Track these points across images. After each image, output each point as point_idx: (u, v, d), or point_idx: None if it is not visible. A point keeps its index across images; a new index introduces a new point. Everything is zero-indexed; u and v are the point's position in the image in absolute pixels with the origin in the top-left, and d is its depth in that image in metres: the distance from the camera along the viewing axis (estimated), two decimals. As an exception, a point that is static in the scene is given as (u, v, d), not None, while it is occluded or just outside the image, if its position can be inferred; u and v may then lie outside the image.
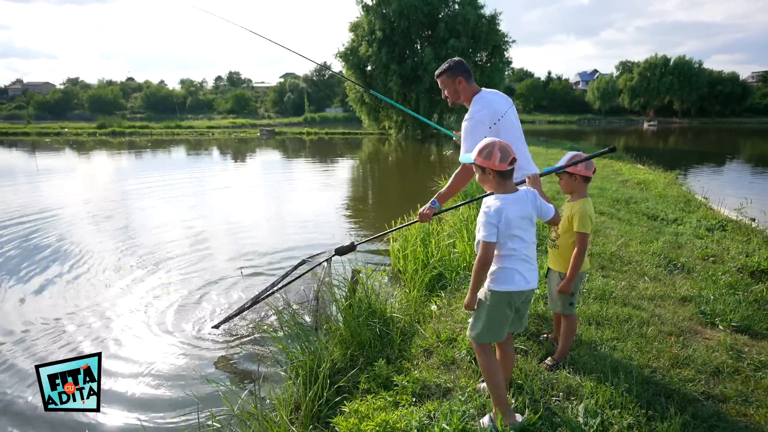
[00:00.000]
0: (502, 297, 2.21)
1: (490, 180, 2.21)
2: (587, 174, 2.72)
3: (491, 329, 2.24)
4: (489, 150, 2.15)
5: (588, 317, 3.35)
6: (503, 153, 2.14)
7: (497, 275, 2.21)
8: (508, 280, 2.20)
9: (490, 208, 2.15)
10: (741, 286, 4.02)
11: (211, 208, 10.63)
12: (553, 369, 2.73)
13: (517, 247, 2.18)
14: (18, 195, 11.85)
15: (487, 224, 2.13)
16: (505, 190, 2.20)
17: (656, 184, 10.59)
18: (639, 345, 2.97)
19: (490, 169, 2.16)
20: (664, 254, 4.92)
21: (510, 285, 2.20)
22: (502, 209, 2.13)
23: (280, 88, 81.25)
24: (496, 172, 2.16)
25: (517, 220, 2.16)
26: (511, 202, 2.16)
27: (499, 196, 2.18)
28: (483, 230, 2.15)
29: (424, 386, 2.69)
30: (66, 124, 51.16)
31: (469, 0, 31.36)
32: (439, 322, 3.51)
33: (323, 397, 2.75)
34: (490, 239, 2.12)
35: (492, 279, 2.22)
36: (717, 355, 2.86)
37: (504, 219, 2.13)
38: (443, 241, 5.12)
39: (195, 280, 5.67)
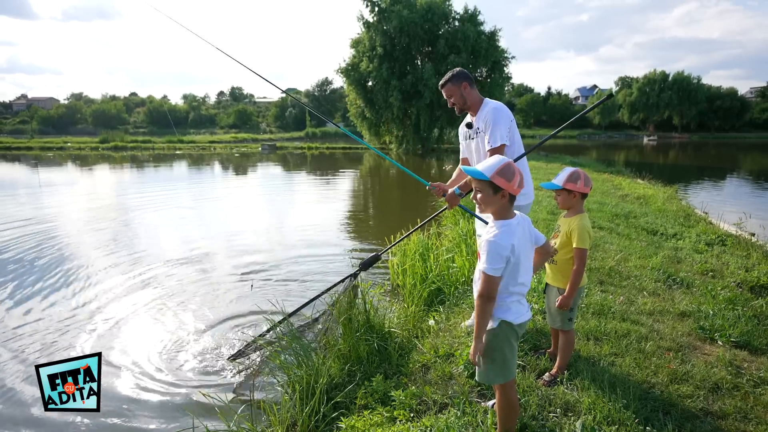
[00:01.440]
0: (511, 329, 2.05)
1: (499, 202, 1.99)
2: (585, 191, 2.73)
3: (505, 367, 2.07)
4: (512, 171, 1.95)
5: (586, 332, 3.34)
6: (521, 177, 1.98)
7: (504, 306, 2.03)
8: (514, 312, 2.04)
9: (499, 237, 1.94)
10: (740, 301, 4.01)
11: (213, 218, 10.67)
12: (551, 385, 2.72)
13: (523, 280, 2.04)
14: (19, 207, 11.92)
15: (497, 256, 1.92)
16: (509, 215, 2.03)
17: (656, 198, 10.60)
18: (637, 360, 2.96)
19: (507, 192, 1.98)
20: (663, 269, 4.91)
21: (516, 317, 2.05)
22: (513, 238, 1.96)
23: (281, 104, 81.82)
24: (511, 196, 1.99)
25: (522, 248, 2.01)
26: (516, 228, 2.00)
27: (505, 222, 2.00)
28: (489, 262, 1.92)
29: (421, 401, 2.68)
30: (69, 139, 51.54)
31: (469, 17, 31.77)
32: (437, 337, 3.49)
33: (320, 412, 2.73)
34: (497, 273, 1.93)
35: (500, 309, 2.03)
36: (716, 371, 2.85)
37: (514, 250, 1.95)
38: (442, 256, 5.13)
39: (197, 290, 5.69)
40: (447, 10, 31.87)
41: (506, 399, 2.13)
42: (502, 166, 1.96)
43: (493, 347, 2.06)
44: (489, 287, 1.94)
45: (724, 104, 72.47)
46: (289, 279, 6.11)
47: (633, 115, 74.64)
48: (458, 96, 3.26)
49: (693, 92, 71.09)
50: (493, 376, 2.10)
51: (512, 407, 2.15)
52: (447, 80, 3.27)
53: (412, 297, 4.42)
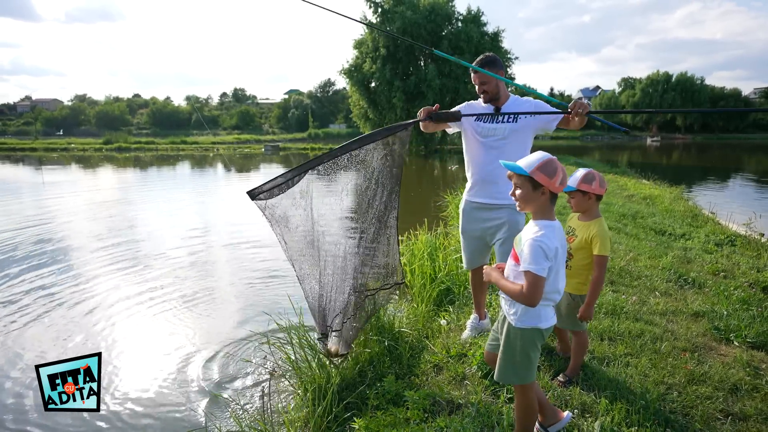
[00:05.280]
0: (539, 333, 2.00)
1: (538, 200, 1.90)
2: (601, 192, 2.66)
3: (526, 369, 2.02)
4: (553, 167, 1.87)
5: (600, 332, 3.30)
6: (564, 175, 1.89)
7: (535, 313, 1.96)
8: (544, 317, 1.98)
9: (545, 237, 1.85)
10: (754, 302, 3.96)
11: (213, 217, 10.68)
12: (567, 386, 2.67)
13: (559, 287, 1.96)
14: (21, 207, 11.95)
15: (542, 255, 1.82)
16: (551, 216, 1.93)
17: (662, 199, 10.55)
18: (653, 361, 2.92)
19: (547, 189, 1.89)
20: (674, 269, 4.87)
21: (546, 322, 1.99)
22: (556, 241, 1.88)
23: (284, 105, 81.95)
24: (552, 194, 1.91)
25: (561, 254, 1.92)
26: (559, 231, 1.93)
27: (548, 224, 1.90)
28: (535, 261, 1.81)
29: (434, 402, 2.64)
30: (73, 140, 51.69)
31: (472, 18, 31.78)
32: (448, 337, 3.46)
33: (332, 413, 2.70)
34: (544, 273, 1.82)
35: (527, 317, 1.97)
36: (734, 372, 2.80)
37: (557, 254, 1.87)
38: (450, 256, 5.09)
39: (198, 289, 5.67)
40: (450, 10, 31.89)
41: (525, 400, 2.09)
42: (544, 161, 1.88)
43: (518, 349, 2.01)
44: (535, 289, 1.82)
45: (728, 105, 72.19)
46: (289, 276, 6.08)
47: (636, 116, 74.40)
48: (494, 85, 2.97)
49: (696, 93, 70.82)
50: (513, 376, 2.05)
51: (531, 409, 2.11)
52: (485, 63, 2.94)
53: (422, 297, 4.38)
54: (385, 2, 31.26)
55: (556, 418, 2.22)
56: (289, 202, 2.77)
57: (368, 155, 2.87)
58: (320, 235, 2.91)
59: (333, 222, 2.91)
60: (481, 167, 3.09)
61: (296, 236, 2.85)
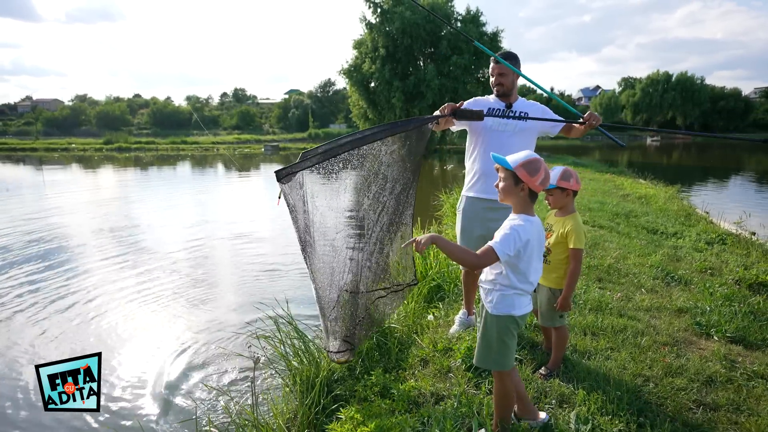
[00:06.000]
0: (512, 320, 2.11)
1: (518, 195, 2.06)
2: (577, 188, 2.77)
3: (504, 355, 2.13)
4: (536, 167, 2.01)
5: (583, 327, 3.38)
6: (546, 176, 2.04)
7: (508, 301, 2.09)
8: (518, 305, 2.10)
9: (522, 228, 2.00)
10: (737, 298, 4.04)
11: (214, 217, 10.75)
12: (547, 378, 2.76)
13: (531, 279, 2.09)
14: (23, 207, 12.04)
15: (512, 242, 1.97)
16: (530, 212, 2.08)
17: (657, 198, 10.62)
18: (633, 354, 3.00)
19: (527, 186, 2.04)
20: (662, 267, 4.95)
21: (520, 310, 2.10)
22: (531, 235, 2.02)
23: (284, 105, 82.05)
24: (530, 191, 2.05)
25: (535, 249, 2.06)
26: (535, 227, 2.06)
27: (527, 218, 2.05)
28: (503, 242, 1.98)
29: (419, 394, 2.73)
30: (73, 140, 51.84)
31: (471, 18, 31.83)
32: (436, 333, 3.54)
33: (320, 404, 2.79)
34: (502, 257, 1.97)
35: (502, 305, 2.10)
36: (710, 365, 2.88)
37: (527, 246, 2.01)
38: (441, 254, 5.17)
39: (197, 289, 5.77)
40: (449, 11, 31.94)
41: (503, 387, 2.18)
42: (529, 160, 2.02)
43: (494, 336, 2.12)
44: (485, 260, 1.99)
45: (728, 105, 72.26)
46: (291, 275, 6.17)
47: (636, 115, 74.44)
48: (511, 80, 3.08)
49: (696, 93, 70.88)
50: (490, 361, 2.16)
51: (508, 396, 2.19)
52: (508, 57, 3.05)
53: (413, 294, 4.46)
54: (385, 2, 31.34)
55: (532, 415, 2.31)
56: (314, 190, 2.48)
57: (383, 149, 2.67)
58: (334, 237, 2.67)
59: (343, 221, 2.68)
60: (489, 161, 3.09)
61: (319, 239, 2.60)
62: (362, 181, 2.68)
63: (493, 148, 3.05)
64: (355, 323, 2.80)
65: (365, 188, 2.72)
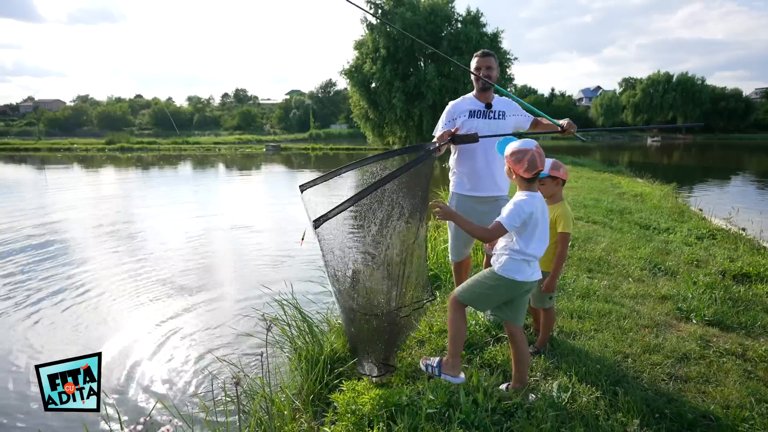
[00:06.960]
0: (513, 283, 2.40)
1: (512, 177, 2.43)
2: (566, 177, 3.01)
3: (480, 301, 2.53)
4: (520, 156, 2.32)
5: (571, 311, 3.60)
6: (531, 163, 2.31)
7: (514, 266, 2.38)
8: (522, 272, 2.39)
9: (524, 202, 2.31)
10: (720, 287, 4.24)
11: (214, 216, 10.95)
12: (535, 355, 2.98)
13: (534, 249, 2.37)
14: (23, 206, 12.21)
15: (516, 215, 2.29)
16: (531, 189, 2.39)
17: (652, 196, 10.82)
18: (615, 335, 3.22)
19: (515, 172, 2.37)
20: (651, 259, 5.16)
21: (524, 276, 2.39)
22: (533, 208, 2.31)
23: (285, 105, 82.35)
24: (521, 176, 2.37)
25: (540, 220, 2.36)
26: (537, 201, 2.35)
27: (529, 193, 2.36)
28: (509, 217, 2.30)
29: (416, 369, 2.94)
30: (75, 140, 52.11)
31: (472, 19, 32.08)
32: (433, 317, 3.76)
33: (324, 380, 3.00)
34: (510, 229, 2.31)
35: (508, 268, 2.39)
36: (686, 344, 3.10)
37: (531, 217, 2.31)
38: (440, 246, 5.39)
39: (197, 289, 5.92)
40: (450, 12, 32.18)
41: (452, 315, 2.54)
42: (516, 150, 2.35)
43: (486, 282, 2.46)
44: (495, 233, 2.35)
45: (729, 105, 72.41)
46: (291, 272, 6.37)
47: (637, 116, 74.56)
48: (496, 74, 3.34)
49: (697, 93, 71.03)
50: (466, 295, 2.51)
51: (455, 326, 2.52)
52: (491, 54, 3.37)
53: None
54: (385, 3, 31.59)
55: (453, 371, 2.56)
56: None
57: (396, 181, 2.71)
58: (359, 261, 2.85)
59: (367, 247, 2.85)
60: (478, 161, 3.31)
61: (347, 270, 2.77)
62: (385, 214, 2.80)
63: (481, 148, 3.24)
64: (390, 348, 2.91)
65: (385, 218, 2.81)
